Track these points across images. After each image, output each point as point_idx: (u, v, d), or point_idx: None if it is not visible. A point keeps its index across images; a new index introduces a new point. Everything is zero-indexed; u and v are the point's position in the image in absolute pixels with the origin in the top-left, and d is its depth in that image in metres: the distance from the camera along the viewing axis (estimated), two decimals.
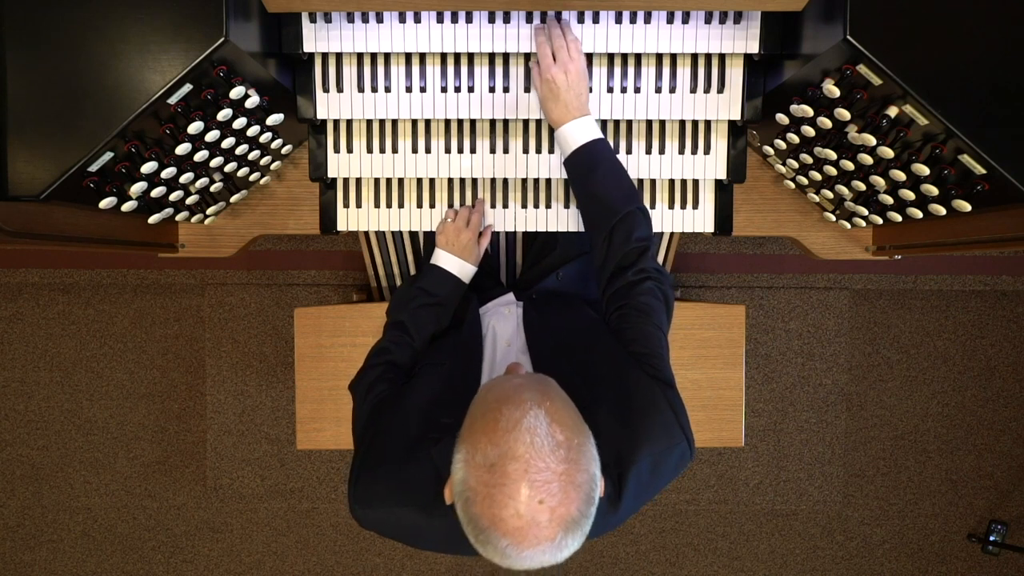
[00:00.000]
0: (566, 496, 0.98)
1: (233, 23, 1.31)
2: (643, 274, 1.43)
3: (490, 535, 0.99)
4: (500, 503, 0.97)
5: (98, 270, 2.96)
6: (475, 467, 1.00)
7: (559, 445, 0.99)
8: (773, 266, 2.96)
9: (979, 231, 1.44)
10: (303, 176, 1.79)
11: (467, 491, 1.01)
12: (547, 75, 1.52)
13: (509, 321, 1.57)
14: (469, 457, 1.01)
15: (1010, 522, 3.11)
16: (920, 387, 3.06)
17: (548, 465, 0.98)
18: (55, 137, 1.30)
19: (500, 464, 0.98)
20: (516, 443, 0.98)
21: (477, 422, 1.04)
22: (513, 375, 1.17)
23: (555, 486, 0.97)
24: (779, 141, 1.62)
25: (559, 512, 0.98)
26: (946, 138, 1.32)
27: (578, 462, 1.01)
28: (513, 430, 0.99)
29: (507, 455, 0.98)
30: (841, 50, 1.30)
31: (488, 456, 0.99)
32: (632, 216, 1.48)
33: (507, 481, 0.97)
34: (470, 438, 1.03)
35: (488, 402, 1.06)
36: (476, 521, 1.00)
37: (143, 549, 3.14)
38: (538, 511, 0.97)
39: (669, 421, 1.25)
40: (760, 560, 3.15)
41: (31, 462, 3.08)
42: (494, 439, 0.99)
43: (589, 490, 1.02)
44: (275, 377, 2.98)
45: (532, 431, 0.99)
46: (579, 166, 1.55)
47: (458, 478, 1.03)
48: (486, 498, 0.98)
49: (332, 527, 3.11)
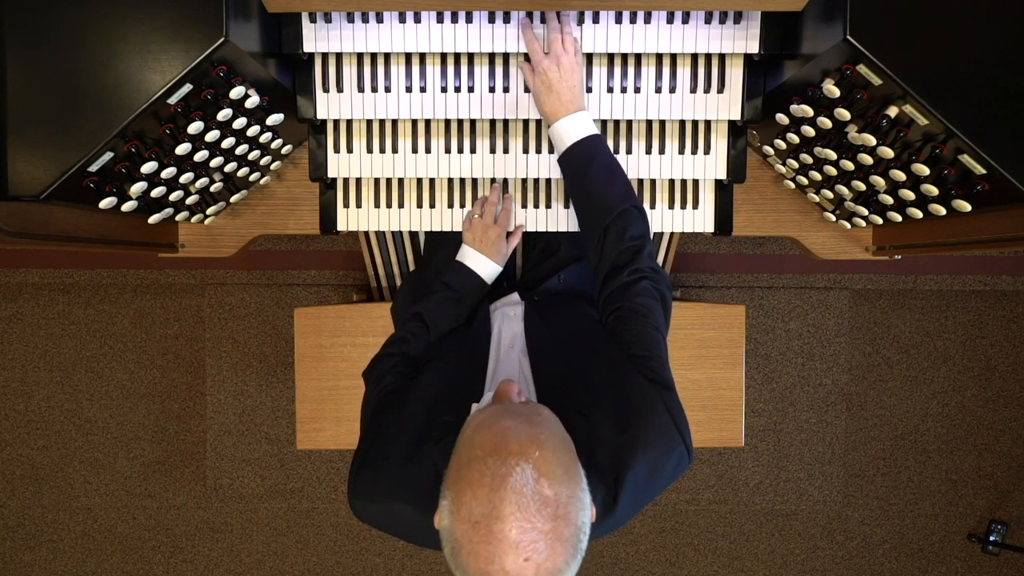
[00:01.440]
0: (552, 552, 0.97)
1: (233, 23, 1.31)
2: (638, 274, 1.41)
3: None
4: (485, 559, 0.97)
5: (98, 270, 2.96)
6: (460, 520, 0.99)
7: (546, 503, 0.97)
8: (773, 266, 2.96)
9: (979, 231, 1.44)
10: (303, 176, 1.79)
11: (453, 542, 1.01)
12: (539, 67, 1.50)
13: (514, 322, 1.57)
14: (454, 508, 1.00)
15: (1010, 522, 3.11)
16: (920, 387, 3.06)
17: (534, 525, 0.96)
18: (55, 137, 1.30)
19: (485, 523, 0.97)
20: (501, 503, 0.96)
21: (463, 470, 1.02)
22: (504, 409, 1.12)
23: (541, 544, 0.96)
24: (779, 141, 1.62)
25: (545, 567, 0.97)
26: (946, 138, 1.32)
27: (566, 517, 0.99)
28: (499, 488, 0.97)
29: (492, 515, 0.96)
30: (841, 50, 1.30)
31: (473, 512, 0.98)
32: (626, 214, 1.46)
33: (492, 540, 0.96)
34: (455, 487, 1.02)
35: (474, 448, 1.03)
36: (463, 569, 1.00)
37: (143, 549, 3.14)
38: (523, 568, 0.96)
39: (667, 425, 1.24)
40: (760, 560, 3.15)
41: (31, 462, 3.08)
42: (478, 495, 0.98)
43: (576, 542, 1.01)
44: (275, 377, 2.98)
45: (518, 491, 0.96)
46: (573, 163, 1.53)
47: (444, 524, 1.03)
48: (471, 553, 0.98)
49: (332, 527, 3.11)
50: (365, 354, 1.56)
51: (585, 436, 1.19)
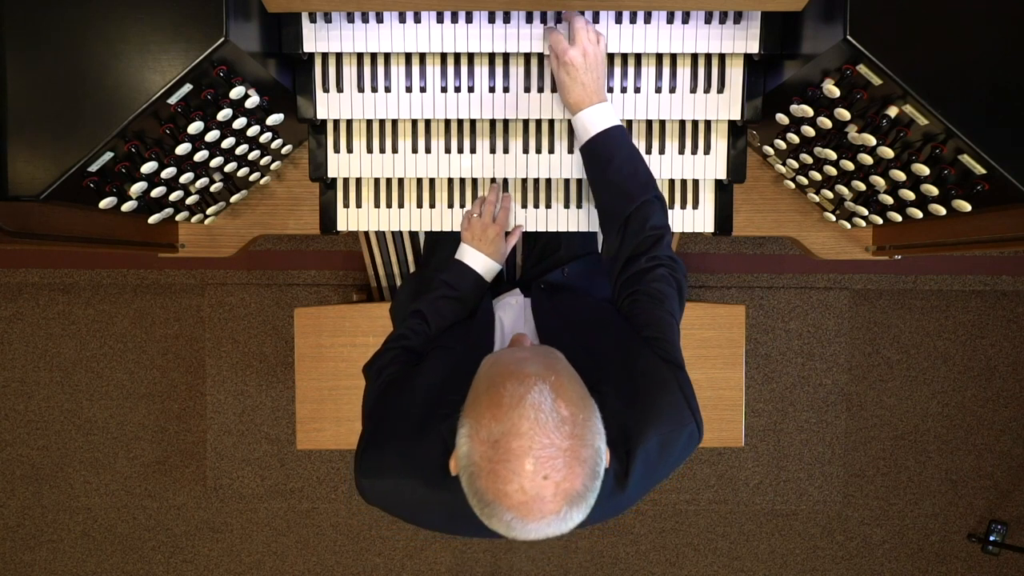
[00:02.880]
0: (571, 471, 0.98)
1: (233, 23, 1.31)
2: (656, 261, 1.42)
3: (495, 509, 1.00)
4: (504, 479, 0.98)
5: (98, 270, 2.96)
6: (479, 443, 1.00)
7: (564, 421, 0.99)
8: (773, 266, 2.96)
9: (979, 231, 1.44)
10: (303, 176, 1.79)
11: (471, 466, 1.01)
12: (565, 57, 1.50)
13: (516, 312, 1.58)
14: (473, 432, 1.01)
15: (1010, 522, 3.11)
16: (920, 387, 3.06)
17: (552, 441, 0.98)
18: (55, 137, 1.30)
19: (504, 441, 0.98)
20: (520, 419, 0.98)
21: (481, 397, 1.04)
22: (518, 347, 1.16)
23: (560, 462, 0.98)
24: (779, 141, 1.62)
25: (564, 487, 0.98)
26: (946, 138, 1.32)
27: (583, 437, 1.00)
28: (517, 406, 0.99)
29: (511, 432, 0.98)
30: (841, 50, 1.30)
31: (492, 432, 0.99)
32: (649, 204, 1.47)
33: (511, 457, 0.97)
34: (474, 413, 1.03)
35: (492, 376, 1.05)
36: (481, 495, 1.01)
37: (143, 549, 3.14)
38: (543, 487, 0.97)
39: (679, 402, 1.25)
40: (760, 560, 3.15)
41: (31, 462, 3.08)
42: (498, 415, 0.99)
43: (594, 464, 1.02)
44: (275, 377, 2.98)
45: (536, 407, 0.99)
46: (596, 153, 1.53)
47: (462, 452, 1.03)
48: (490, 473, 0.99)
49: (332, 527, 3.11)
50: (365, 354, 1.56)
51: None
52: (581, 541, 3.13)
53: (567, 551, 3.13)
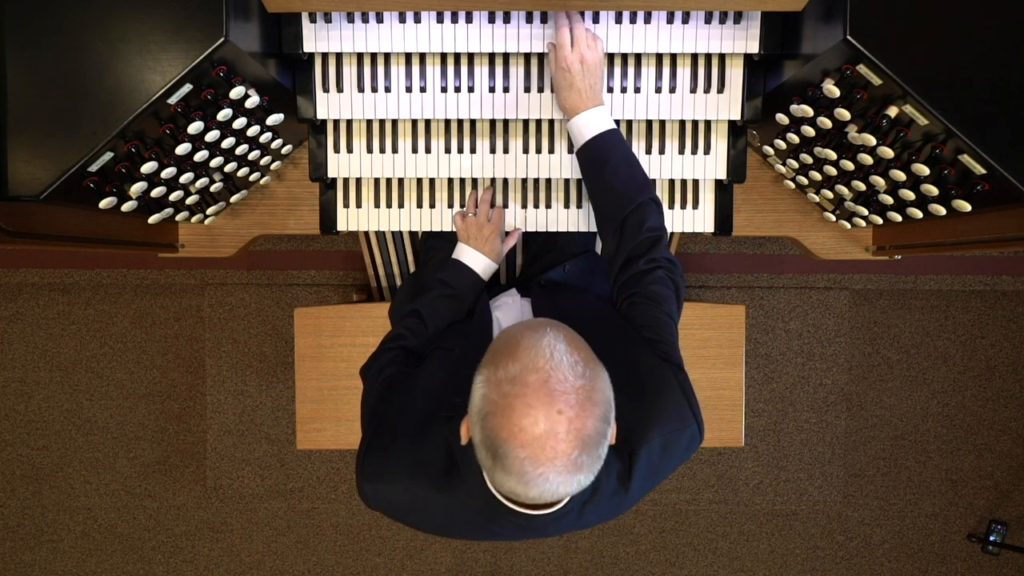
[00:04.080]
0: (583, 409, 1.00)
1: (233, 23, 1.31)
2: (654, 263, 1.43)
3: (509, 447, 1.00)
4: (520, 412, 0.99)
5: (98, 270, 2.96)
6: (496, 383, 1.03)
7: (577, 362, 1.03)
8: (773, 266, 2.96)
9: (979, 231, 1.44)
10: (303, 176, 1.79)
11: (487, 405, 1.03)
12: (563, 63, 1.52)
13: (514, 312, 1.58)
14: (491, 375, 1.04)
15: (1010, 522, 3.10)
16: (920, 387, 3.06)
17: (567, 377, 1.00)
18: (55, 137, 1.30)
19: (521, 376, 1.01)
20: (537, 357, 1.02)
21: (499, 349, 1.07)
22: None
23: (573, 398, 1.00)
24: (779, 141, 1.62)
25: (576, 425, 0.99)
26: (946, 138, 1.32)
27: (595, 381, 1.03)
28: (535, 346, 1.03)
29: (528, 367, 1.01)
30: (841, 50, 1.30)
31: (509, 371, 1.02)
32: (645, 207, 1.48)
33: (527, 391, 0.99)
34: (491, 361, 1.06)
35: (508, 333, 1.10)
36: (495, 435, 1.01)
37: (143, 549, 3.14)
38: (557, 421, 0.99)
39: (680, 402, 1.27)
40: (760, 560, 3.15)
41: (31, 462, 3.08)
42: (516, 355, 1.03)
43: (605, 410, 1.03)
44: (275, 377, 2.98)
45: (552, 347, 1.03)
46: (592, 157, 1.55)
47: (477, 398, 1.05)
48: (506, 408, 1.00)
49: (332, 527, 3.11)
50: (365, 354, 1.56)
51: None
52: (581, 541, 3.13)
53: (567, 551, 3.13)
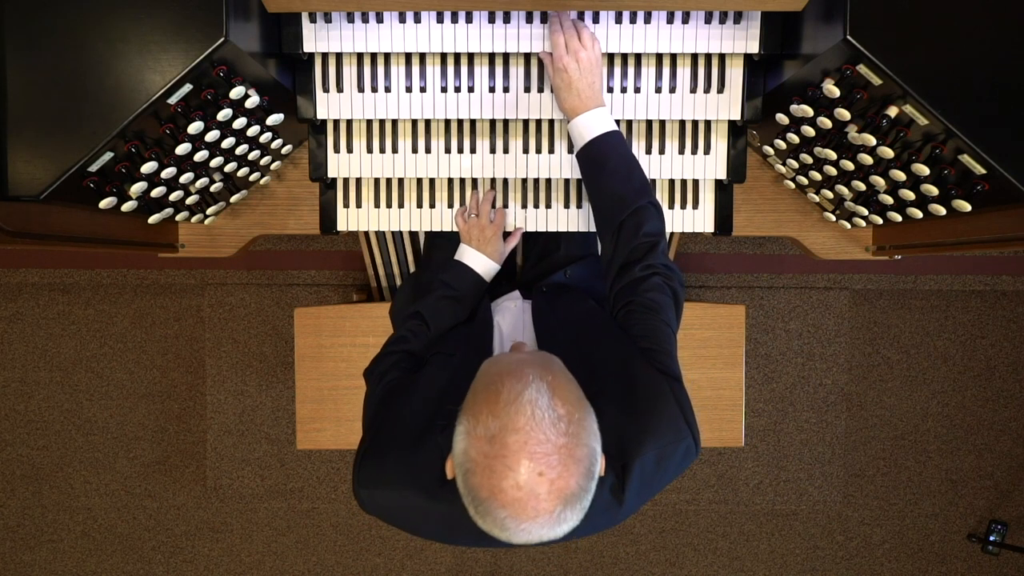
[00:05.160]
0: (565, 469, 0.99)
1: (233, 23, 1.31)
2: (650, 270, 1.41)
3: (489, 506, 1.00)
4: (500, 474, 0.98)
5: (98, 270, 2.96)
6: (476, 439, 1.01)
7: (560, 418, 1.00)
8: (773, 266, 2.96)
9: (979, 231, 1.44)
10: (303, 176, 1.79)
11: (467, 462, 1.01)
12: (559, 64, 1.51)
13: (515, 316, 1.57)
14: (470, 428, 1.02)
15: (1010, 522, 3.11)
16: (920, 387, 3.06)
17: (548, 438, 0.98)
18: (55, 137, 1.30)
19: (500, 436, 0.98)
20: (517, 415, 0.99)
21: (479, 395, 1.04)
22: (517, 352, 1.17)
23: (555, 459, 0.98)
24: (779, 141, 1.61)
25: (558, 485, 0.98)
26: (946, 138, 1.32)
27: (578, 436, 1.01)
28: (514, 402, 1.00)
29: (507, 427, 0.99)
30: (841, 50, 1.30)
31: (489, 428, 1.00)
32: (642, 211, 1.47)
33: (507, 453, 0.98)
34: (472, 410, 1.04)
35: (490, 375, 1.06)
36: (476, 492, 1.01)
37: (143, 549, 3.14)
38: (537, 483, 0.97)
39: (675, 416, 1.25)
40: (760, 560, 3.15)
41: (31, 462, 3.08)
42: (495, 411, 1.00)
43: (589, 464, 1.02)
44: (275, 377, 2.98)
45: (533, 403, 0.99)
46: (591, 159, 1.54)
47: (459, 449, 1.04)
48: (486, 469, 0.99)
49: (332, 527, 3.11)
50: (365, 354, 1.56)
51: None
52: (581, 541, 3.13)
53: (567, 551, 3.13)
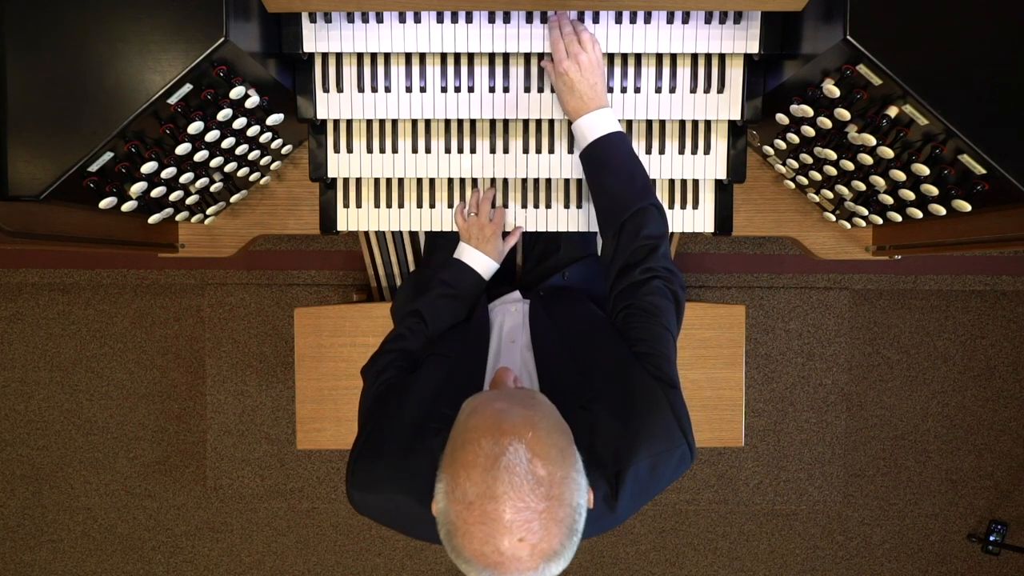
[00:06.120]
0: (547, 532, 0.97)
1: (233, 23, 1.31)
2: (650, 273, 1.40)
3: (473, 565, 0.99)
4: (480, 540, 0.97)
5: (98, 270, 2.96)
6: (455, 502, 0.99)
7: (540, 482, 0.97)
8: (773, 266, 2.96)
9: (979, 231, 1.44)
10: (303, 176, 1.79)
11: (448, 524, 1.01)
12: (560, 68, 1.52)
13: (515, 318, 1.57)
14: (449, 490, 1.00)
15: (1010, 522, 3.11)
16: (920, 387, 3.06)
17: (528, 504, 0.96)
18: (55, 137, 1.30)
19: (479, 503, 0.97)
20: (495, 482, 0.96)
21: (458, 453, 1.02)
22: (499, 393, 1.13)
23: (536, 524, 0.96)
24: (779, 141, 1.62)
25: (540, 547, 0.97)
26: (946, 138, 1.32)
27: (560, 497, 0.99)
28: (492, 468, 0.97)
29: (485, 495, 0.97)
30: (841, 50, 1.30)
31: (467, 493, 0.98)
32: (643, 212, 1.46)
33: (486, 520, 0.96)
34: (450, 469, 1.02)
35: (469, 431, 1.03)
36: (458, 551, 1.00)
37: (143, 549, 3.14)
38: (519, 548, 0.96)
39: (670, 423, 1.24)
40: (760, 560, 3.15)
41: (31, 462, 3.08)
42: (472, 476, 0.98)
43: (571, 523, 1.01)
44: (275, 377, 2.98)
45: (511, 470, 0.97)
46: (593, 160, 1.54)
47: (440, 508, 1.03)
48: (466, 534, 0.98)
49: (332, 527, 3.11)
50: (365, 354, 1.56)
51: (587, 430, 1.19)
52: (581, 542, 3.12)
53: None
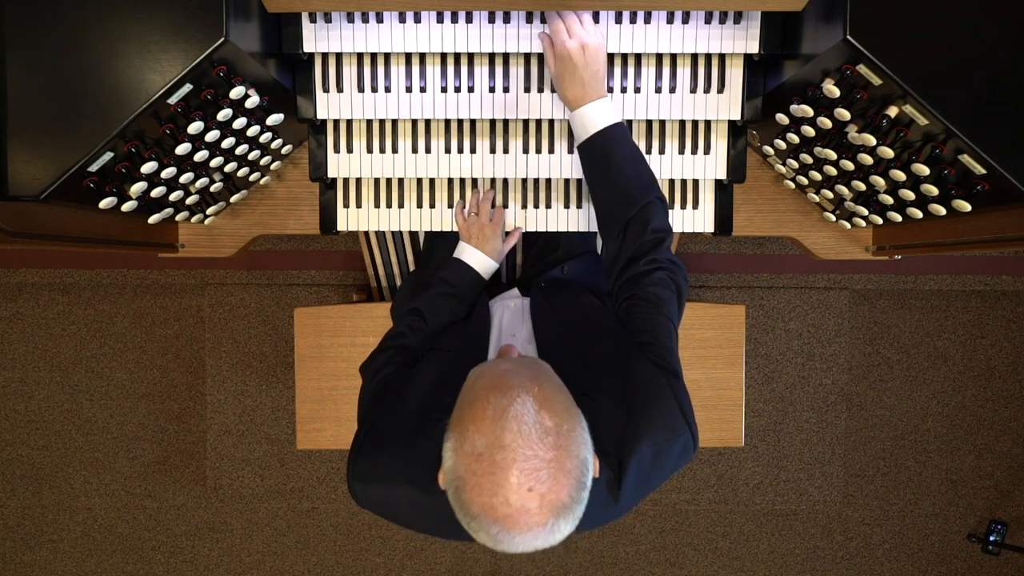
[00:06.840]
0: (556, 483, 0.98)
1: (233, 23, 1.31)
2: (655, 264, 1.40)
3: (481, 522, 1.00)
4: (489, 491, 0.98)
5: (98, 270, 2.97)
6: (464, 456, 1.00)
7: (548, 432, 0.99)
8: (773, 266, 2.96)
9: (979, 231, 1.44)
10: (303, 176, 1.79)
11: (456, 479, 1.01)
12: (562, 50, 1.46)
13: (515, 313, 1.57)
14: (458, 446, 1.02)
15: (1010, 522, 3.11)
16: (920, 387, 3.06)
17: (536, 453, 0.97)
18: (55, 137, 1.30)
19: (488, 453, 0.98)
20: (503, 431, 0.98)
21: (465, 410, 1.04)
22: (503, 359, 1.16)
23: (544, 473, 0.97)
24: (779, 141, 1.62)
25: (549, 498, 0.98)
26: (946, 138, 1.32)
27: (568, 448, 1.00)
28: (500, 418, 0.99)
29: (495, 444, 0.98)
30: (841, 50, 1.30)
31: (476, 445, 0.99)
32: (650, 207, 1.45)
33: (495, 470, 0.97)
34: (459, 426, 1.03)
35: (476, 389, 1.06)
36: (467, 508, 1.01)
37: (143, 549, 3.14)
38: (528, 498, 0.97)
39: (673, 411, 1.24)
40: (760, 560, 3.15)
41: (31, 462, 3.08)
42: (481, 428, 0.99)
43: (580, 475, 1.01)
44: (275, 377, 2.98)
45: (519, 419, 0.98)
46: (596, 153, 1.50)
47: (448, 466, 1.03)
48: (475, 487, 0.99)
49: (332, 527, 3.11)
50: (365, 354, 1.56)
51: (590, 418, 1.19)
52: (581, 541, 3.13)
53: (567, 551, 3.13)
